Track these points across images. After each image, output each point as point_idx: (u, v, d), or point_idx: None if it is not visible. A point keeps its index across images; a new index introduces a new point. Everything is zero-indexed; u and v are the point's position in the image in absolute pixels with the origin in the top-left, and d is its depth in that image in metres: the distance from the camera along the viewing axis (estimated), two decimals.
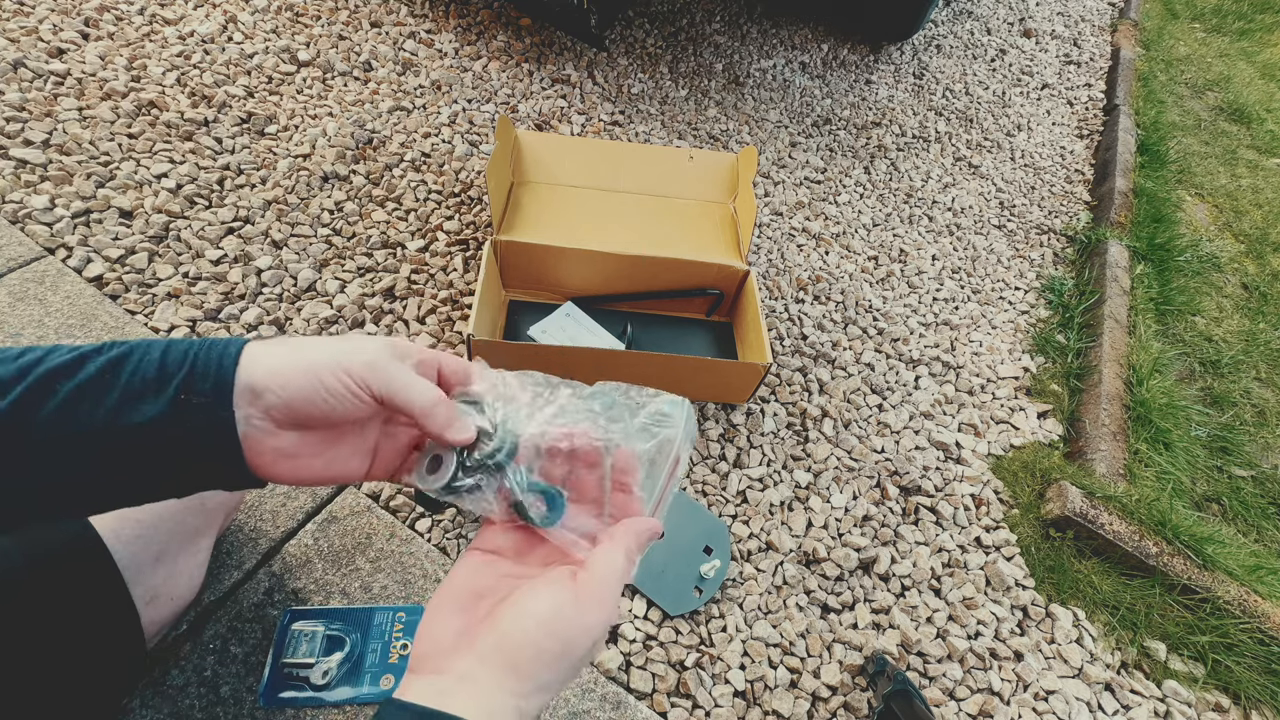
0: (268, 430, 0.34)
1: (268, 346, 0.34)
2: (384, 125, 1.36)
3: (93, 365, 0.32)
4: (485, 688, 0.30)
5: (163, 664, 0.69)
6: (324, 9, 1.56)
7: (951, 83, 2.16)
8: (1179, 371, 1.51)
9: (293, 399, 0.33)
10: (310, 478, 0.37)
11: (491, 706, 0.30)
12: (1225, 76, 2.76)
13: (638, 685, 0.82)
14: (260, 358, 0.34)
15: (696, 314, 1.23)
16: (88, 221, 1.04)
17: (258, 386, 0.33)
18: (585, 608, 0.33)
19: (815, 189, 1.63)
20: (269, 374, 0.33)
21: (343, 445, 0.38)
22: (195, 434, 0.32)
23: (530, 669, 0.31)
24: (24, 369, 0.31)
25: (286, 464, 0.35)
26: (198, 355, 0.33)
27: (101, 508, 0.34)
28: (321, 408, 0.34)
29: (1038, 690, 0.93)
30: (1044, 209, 1.83)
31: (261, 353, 0.34)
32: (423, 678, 0.31)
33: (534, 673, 0.31)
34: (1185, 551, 1.08)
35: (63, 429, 0.31)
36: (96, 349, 0.33)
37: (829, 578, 0.98)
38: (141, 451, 0.32)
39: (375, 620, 0.76)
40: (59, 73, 1.20)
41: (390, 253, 1.17)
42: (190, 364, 0.33)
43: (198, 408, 0.32)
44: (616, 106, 1.62)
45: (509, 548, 0.38)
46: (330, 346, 0.35)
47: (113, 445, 0.31)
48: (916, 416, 1.22)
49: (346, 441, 0.38)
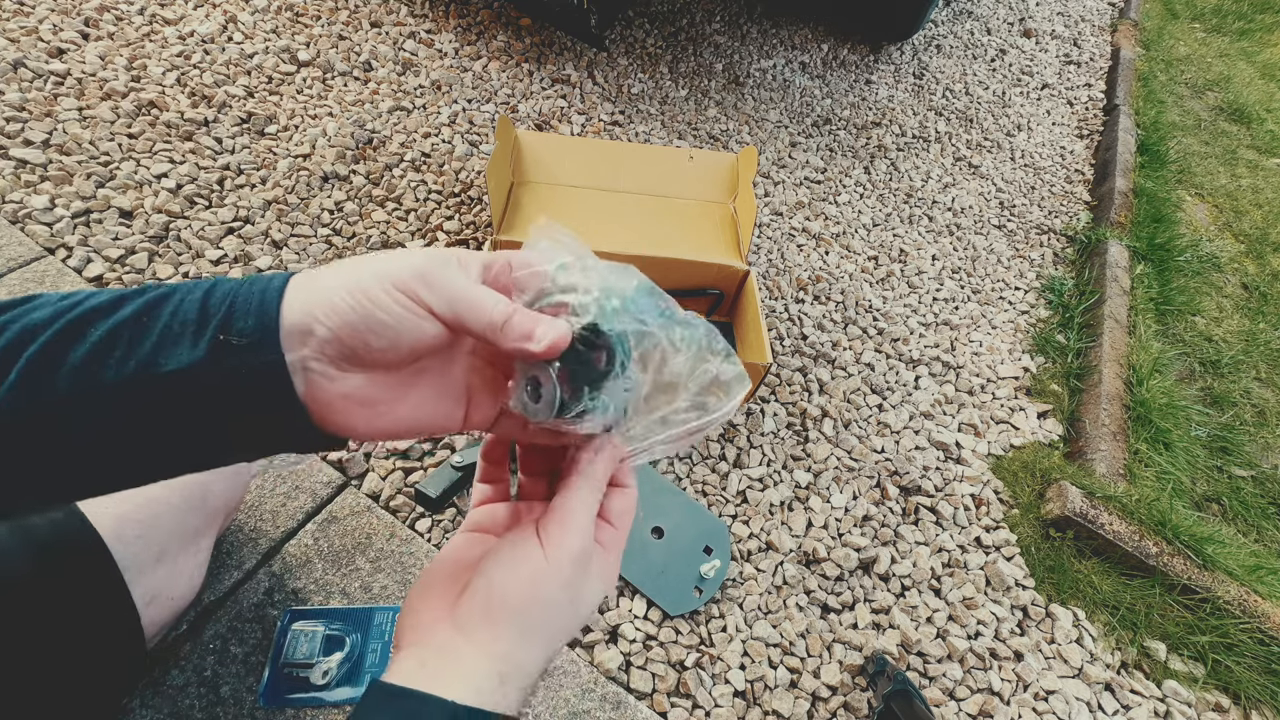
0: (327, 373, 0.28)
1: (313, 273, 0.29)
2: (384, 125, 1.36)
3: (129, 307, 0.27)
4: (462, 655, 0.29)
5: (163, 664, 0.69)
6: (324, 9, 1.56)
7: (951, 83, 2.16)
8: (1179, 371, 1.51)
9: (341, 328, 0.27)
10: (392, 429, 0.31)
11: (470, 673, 0.29)
12: (1225, 76, 2.76)
13: (638, 685, 0.82)
14: (305, 286, 0.28)
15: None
16: (88, 221, 1.04)
17: (306, 319, 0.27)
18: (551, 554, 0.31)
19: (815, 189, 1.63)
20: (312, 302, 0.28)
21: (424, 385, 0.32)
22: (237, 381, 0.27)
23: (505, 627, 0.30)
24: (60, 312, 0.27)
25: (361, 414, 0.29)
26: (238, 291, 0.28)
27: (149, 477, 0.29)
28: (379, 334, 0.28)
29: (1038, 690, 0.93)
30: (1044, 209, 1.83)
31: (306, 281, 0.28)
32: (405, 651, 0.31)
33: (510, 631, 0.30)
34: (1185, 551, 1.08)
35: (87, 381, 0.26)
36: (139, 290, 0.28)
37: (829, 578, 0.98)
38: (178, 405, 0.27)
39: (375, 620, 0.76)
40: (59, 73, 1.20)
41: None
42: (230, 301, 0.28)
43: (238, 349, 0.27)
44: (616, 106, 1.62)
45: (498, 524, 0.37)
46: (376, 259, 0.29)
47: (144, 398, 0.26)
48: (916, 416, 1.22)
49: (428, 380, 0.32)
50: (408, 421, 0.31)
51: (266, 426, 0.29)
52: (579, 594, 0.32)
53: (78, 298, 0.28)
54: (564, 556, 0.31)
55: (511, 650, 0.30)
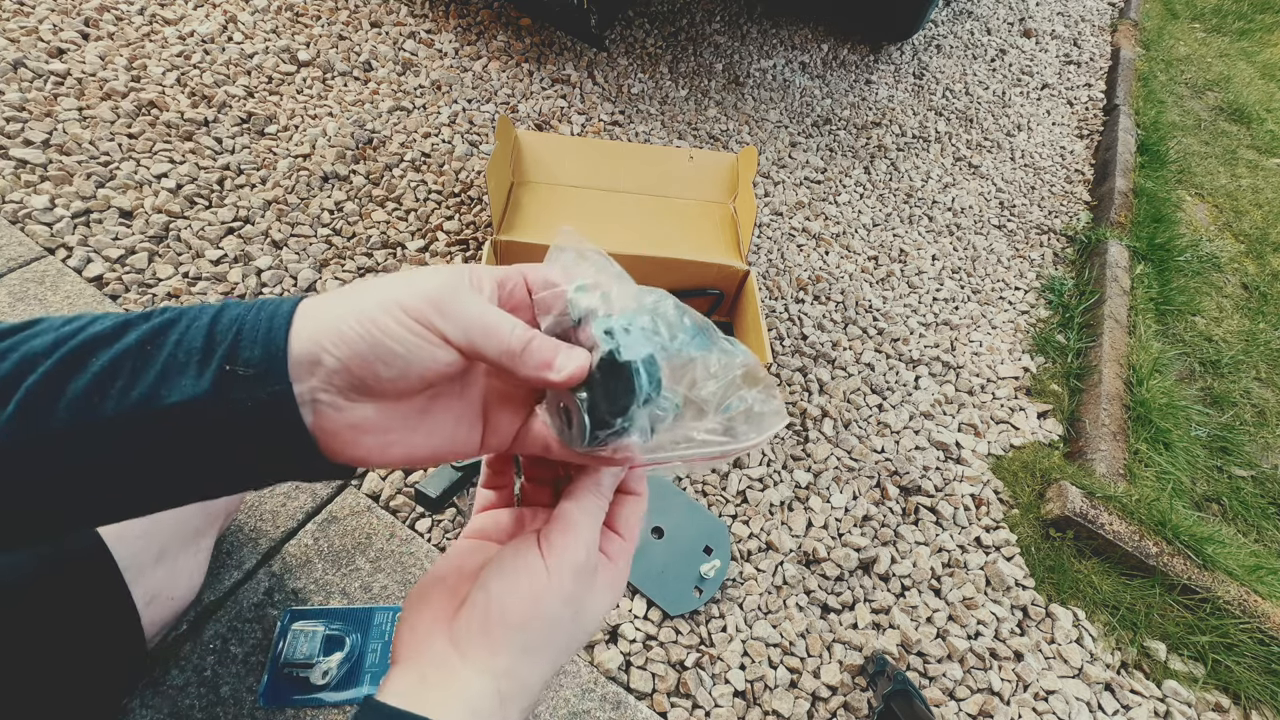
0: (336, 404, 0.27)
1: (322, 299, 0.28)
2: (384, 125, 1.36)
3: (133, 334, 0.26)
4: (460, 673, 0.28)
5: (163, 664, 0.69)
6: (324, 9, 1.56)
7: (951, 83, 2.16)
8: (1179, 371, 1.51)
9: (350, 358, 0.26)
10: (405, 457, 0.29)
11: (468, 693, 0.28)
12: (1225, 76, 2.76)
13: (638, 685, 0.82)
14: (313, 313, 0.27)
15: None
16: (88, 221, 1.04)
17: (314, 349, 0.26)
18: (553, 566, 0.30)
19: (815, 189, 1.63)
20: (320, 330, 0.26)
21: (439, 412, 0.30)
22: (243, 413, 0.25)
23: (505, 644, 0.29)
24: (61, 340, 0.26)
25: (373, 444, 0.28)
26: (245, 318, 0.27)
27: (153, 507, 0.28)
28: (389, 363, 0.26)
29: (1038, 690, 0.93)
30: (1044, 209, 1.83)
31: (314, 308, 0.27)
32: (402, 666, 0.29)
33: (510, 648, 0.29)
34: (1185, 551, 1.08)
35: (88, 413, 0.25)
36: (144, 315, 0.27)
37: (829, 578, 0.98)
38: (182, 438, 0.25)
39: (375, 620, 0.76)
40: (59, 73, 1.20)
41: (390, 253, 1.17)
42: (237, 329, 0.26)
43: (244, 380, 0.25)
44: (616, 106, 1.62)
45: (501, 531, 0.36)
46: (386, 283, 0.27)
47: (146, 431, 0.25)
48: (916, 416, 1.22)
49: (442, 406, 0.31)
50: (423, 450, 0.30)
51: (273, 458, 0.28)
52: (582, 608, 0.31)
53: (80, 323, 0.27)
54: (566, 569, 0.30)
55: (512, 667, 0.29)
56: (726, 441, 0.31)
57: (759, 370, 0.32)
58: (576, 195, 1.24)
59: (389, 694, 0.28)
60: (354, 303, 0.27)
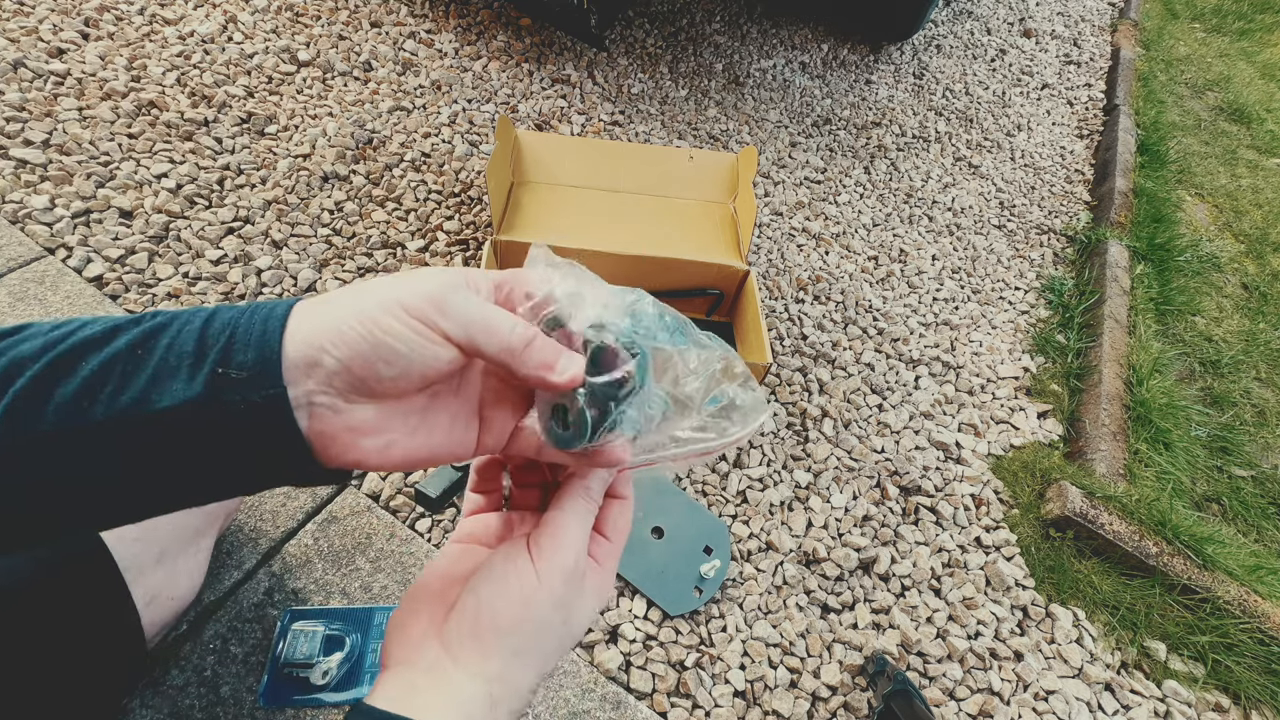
0: (335, 406, 0.27)
1: (318, 301, 0.28)
2: (384, 125, 1.36)
3: (123, 339, 0.26)
4: (451, 677, 0.28)
5: (163, 664, 0.69)
6: (324, 9, 1.56)
7: (951, 83, 2.16)
8: (1179, 371, 1.51)
9: (351, 358, 0.26)
10: (403, 460, 0.30)
11: (460, 696, 0.28)
12: (1225, 76, 2.76)
13: (638, 685, 0.82)
14: (310, 314, 0.27)
15: (697, 314, 1.23)
16: (88, 221, 1.04)
17: (312, 350, 0.26)
18: (543, 571, 0.30)
19: (815, 189, 1.63)
20: (319, 331, 0.26)
21: (436, 411, 0.31)
22: (235, 416, 0.25)
23: (496, 648, 0.29)
24: (50, 344, 0.25)
25: (370, 446, 0.28)
26: (239, 320, 0.26)
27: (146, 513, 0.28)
28: (391, 362, 0.27)
29: (1038, 690, 0.93)
30: (1044, 209, 1.83)
31: (311, 309, 0.27)
32: (393, 671, 0.29)
33: (501, 652, 0.29)
34: (1185, 551, 1.08)
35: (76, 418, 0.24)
36: (135, 319, 0.27)
37: (829, 578, 0.98)
38: (173, 443, 0.25)
39: (375, 620, 0.76)
40: (59, 73, 1.20)
41: (390, 253, 1.17)
42: (230, 331, 0.26)
43: (237, 383, 0.25)
44: (616, 106, 1.62)
45: (490, 535, 0.36)
46: (384, 284, 0.28)
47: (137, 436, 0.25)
48: (916, 416, 1.22)
49: (440, 406, 0.31)
50: (421, 451, 0.30)
51: (267, 462, 0.27)
52: (571, 612, 0.31)
53: (70, 327, 0.26)
54: (556, 573, 0.30)
55: (504, 671, 0.29)
56: (713, 437, 0.32)
57: (736, 363, 0.32)
58: (576, 195, 1.24)
59: (380, 698, 0.28)
60: (353, 303, 0.27)
